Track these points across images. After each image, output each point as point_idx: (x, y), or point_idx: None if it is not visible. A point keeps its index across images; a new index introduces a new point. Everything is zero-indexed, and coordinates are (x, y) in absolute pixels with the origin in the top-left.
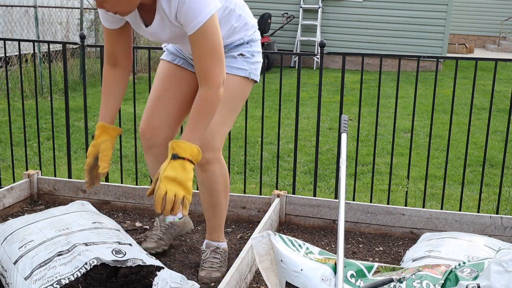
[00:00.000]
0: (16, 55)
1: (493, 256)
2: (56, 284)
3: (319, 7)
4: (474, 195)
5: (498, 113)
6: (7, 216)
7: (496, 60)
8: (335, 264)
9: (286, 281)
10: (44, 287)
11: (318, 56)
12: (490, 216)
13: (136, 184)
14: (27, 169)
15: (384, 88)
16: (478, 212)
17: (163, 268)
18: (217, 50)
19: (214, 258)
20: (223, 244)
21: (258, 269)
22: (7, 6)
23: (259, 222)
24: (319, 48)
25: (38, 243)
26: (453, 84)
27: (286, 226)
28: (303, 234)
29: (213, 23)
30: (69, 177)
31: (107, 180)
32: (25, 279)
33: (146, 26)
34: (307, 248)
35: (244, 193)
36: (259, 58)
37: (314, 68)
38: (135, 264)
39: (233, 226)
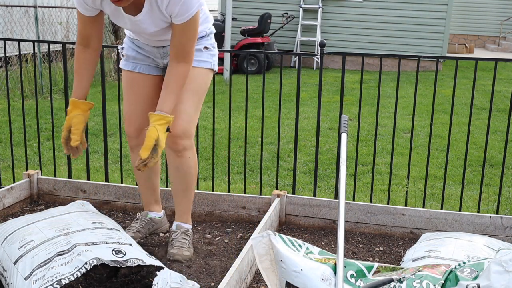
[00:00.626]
0: (16, 55)
1: (493, 256)
2: (56, 284)
3: (319, 7)
4: (474, 195)
5: (498, 113)
6: (7, 216)
7: (496, 60)
8: (335, 264)
9: (286, 281)
10: (44, 287)
11: (318, 56)
12: (490, 216)
13: (136, 184)
14: (27, 169)
15: (384, 88)
16: (478, 212)
17: (163, 268)
18: (197, 34)
19: (184, 239)
20: (191, 227)
21: (258, 269)
22: (7, 6)
23: (259, 222)
24: (319, 48)
25: (38, 243)
26: (453, 84)
27: (286, 226)
28: (303, 234)
29: (198, 14)
30: (69, 177)
31: (107, 180)
32: (25, 279)
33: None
34: (307, 248)
35: (244, 193)
36: (217, 50)
37: (314, 68)
38: (135, 264)
39: (233, 226)
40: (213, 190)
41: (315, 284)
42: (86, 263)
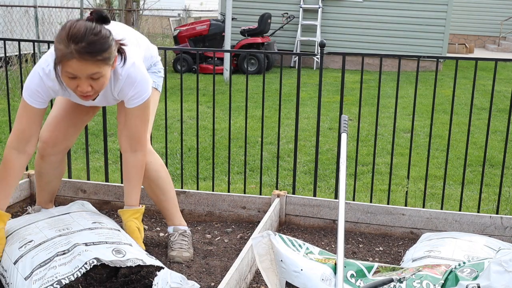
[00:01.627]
0: (16, 55)
1: (493, 256)
2: (56, 284)
3: (319, 7)
4: (474, 195)
5: (498, 113)
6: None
7: (496, 60)
8: (335, 264)
9: (286, 281)
10: (44, 287)
11: (318, 56)
12: (490, 216)
13: None
14: (27, 169)
15: (384, 88)
16: (478, 212)
17: (163, 268)
18: (148, 119)
19: (183, 241)
20: (187, 228)
21: (258, 269)
22: (7, 6)
23: (259, 222)
24: (319, 48)
25: (38, 243)
26: (453, 84)
27: (286, 226)
28: (303, 234)
29: (149, 98)
30: (69, 177)
31: (107, 180)
32: (25, 279)
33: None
34: (307, 248)
35: (244, 193)
36: (162, 73)
37: (314, 68)
38: (135, 264)
39: (233, 226)
40: (213, 190)
41: (315, 284)
42: (86, 263)
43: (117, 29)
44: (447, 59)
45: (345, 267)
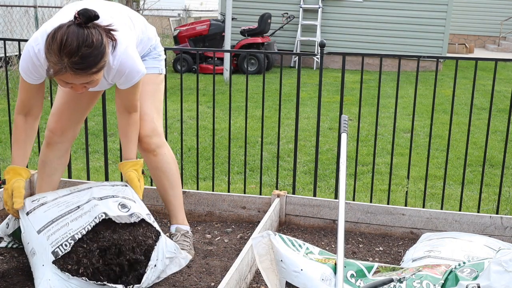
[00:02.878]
0: (16, 55)
1: (493, 256)
2: (71, 239)
3: (319, 7)
4: (474, 195)
5: (498, 113)
6: (7, 216)
7: (496, 60)
8: (335, 264)
9: (286, 281)
10: (59, 244)
11: (318, 56)
12: (490, 216)
13: None
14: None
15: (384, 88)
16: (478, 212)
17: (160, 234)
18: (139, 90)
19: (184, 241)
20: (189, 228)
21: (258, 269)
22: (7, 6)
23: (259, 222)
24: (319, 48)
25: (51, 199)
26: (453, 84)
27: (286, 226)
28: (303, 234)
29: (141, 80)
30: (69, 177)
31: (107, 180)
32: (38, 232)
33: None
34: (307, 248)
35: (244, 193)
36: (163, 56)
37: (314, 68)
38: (139, 219)
39: (233, 226)
40: (213, 190)
41: (315, 284)
42: (95, 217)
43: (109, 11)
44: (447, 59)
45: (345, 267)
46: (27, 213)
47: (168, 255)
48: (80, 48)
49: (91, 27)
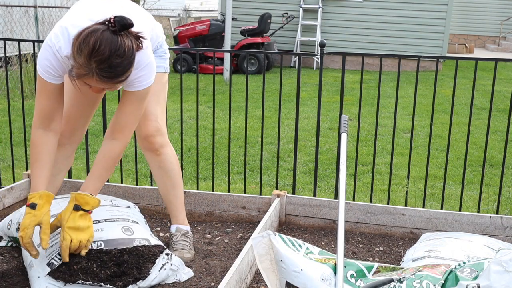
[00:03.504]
0: (16, 55)
1: (493, 256)
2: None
3: (319, 7)
4: (474, 195)
5: (498, 113)
6: (7, 216)
7: (496, 60)
8: (335, 264)
9: (286, 281)
10: (54, 254)
11: (318, 56)
12: (490, 216)
13: (136, 184)
14: (27, 169)
15: (384, 88)
16: (478, 212)
17: (165, 249)
18: (141, 112)
19: (184, 241)
20: (189, 228)
21: (258, 269)
22: (7, 6)
23: (259, 222)
24: (319, 48)
25: (53, 213)
26: (453, 84)
27: (286, 226)
28: (303, 234)
29: (148, 90)
30: (69, 177)
31: (107, 180)
32: (38, 246)
33: None
34: (307, 248)
35: (244, 193)
36: (168, 54)
37: (314, 68)
38: (141, 244)
39: (233, 226)
40: (213, 190)
41: (315, 284)
42: (94, 242)
43: (127, 10)
44: (447, 59)
45: (345, 267)
46: None
47: (173, 268)
48: (111, 56)
49: (124, 35)
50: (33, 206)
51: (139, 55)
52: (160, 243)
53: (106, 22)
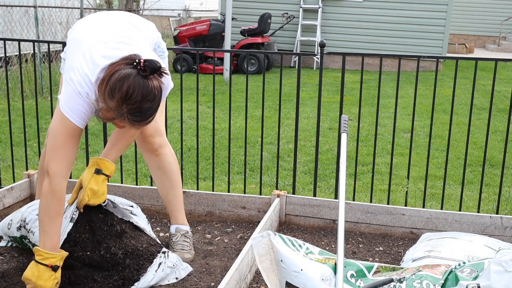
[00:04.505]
0: (16, 55)
1: (493, 256)
2: (70, 221)
3: (319, 7)
4: (474, 195)
5: (498, 113)
6: (7, 216)
7: (496, 60)
8: (335, 264)
9: (286, 281)
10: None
11: (318, 56)
12: (490, 216)
13: (136, 184)
14: (27, 169)
15: (384, 88)
16: (478, 212)
17: (162, 247)
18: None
19: (184, 241)
20: (189, 228)
21: (258, 269)
22: (7, 6)
23: (259, 222)
24: (319, 48)
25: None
26: (453, 84)
27: (286, 226)
28: (303, 234)
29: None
30: (69, 177)
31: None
32: (36, 219)
33: None
34: (307, 248)
35: (244, 193)
36: (167, 53)
37: (314, 68)
38: (136, 223)
39: (233, 226)
40: (213, 190)
41: (315, 284)
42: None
43: (129, 31)
44: (447, 59)
45: (345, 267)
46: (28, 207)
47: (170, 265)
48: (143, 102)
49: (153, 78)
50: (55, 269)
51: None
52: (157, 239)
53: (135, 64)
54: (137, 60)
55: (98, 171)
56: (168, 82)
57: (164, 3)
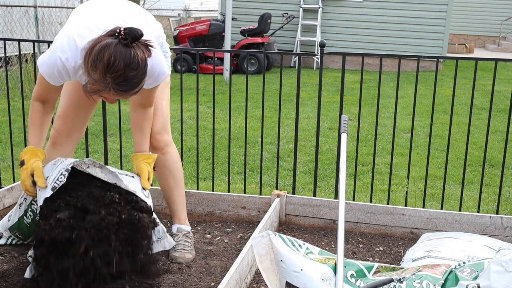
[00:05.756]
0: (16, 55)
1: (493, 256)
2: (65, 171)
3: (319, 7)
4: (474, 195)
5: (498, 113)
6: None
7: (496, 60)
8: (335, 264)
9: (286, 281)
10: (56, 178)
11: (318, 56)
12: (490, 216)
13: None
14: None
15: (384, 88)
16: (478, 212)
17: (152, 214)
18: (158, 88)
19: (186, 242)
20: (190, 228)
21: (258, 269)
22: (7, 6)
23: (259, 222)
24: (319, 48)
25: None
26: (453, 84)
27: (286, 226)
28: (303, 234)
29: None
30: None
31: None
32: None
33: None
34: (307, 248)
35: (244, 193)
36: (169, 53)
37: (314, 68)
38: (127, 189)
39: (233, 226)
40: (213, 190)
41: (315, 284)
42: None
43: (128, 12)
44: (447, 59)
45: (345, 267)
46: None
47: (158, 236)
48: (126, 70)
49: (135, 47)
50: (22, 163)
51: (150, 63)
52: (146, 200)
53: (116, 34)
54: (118, 30)
55: (154, 167)
56: (158, 57)
57: (164, 3)
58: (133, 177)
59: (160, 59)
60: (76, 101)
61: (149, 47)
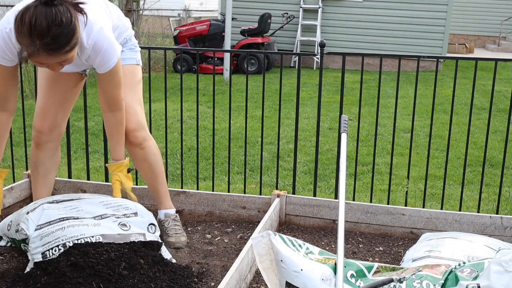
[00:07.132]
0: None
1: (493, 256)
2: (62, 246)
3: (319, 7)
4: (474, 195)
5: (498, 113)
6: (7, 216)
7: (496, 60)
8: (335, 264)
9: (286, 281)
10: (50, 247)
11: (318, 56)
12: (490, 216)
13: (136, 184)
14: (27, 169)
15: (384, 88)
16: (478, 212)
17: (161, 244)
18: (121, 81)
19: (176, 226)
20: (175, 210)
21: (258, 269)
22: (7, 6)
23: (259, 222)
24: (319, 48)
25: (48, 201)
26: (453, 84)
27: (286, 226)
28: (303, 234)
29: (119, 63)
30: (69, 177)
31: (107, 180)
32: (35, 229)
33: None
34: (307, 248)
35: (244, 193)
36: (138, 48)
37: (314, 68)
38: (137, 240)
39: (233, 226)
40: (213, 190)
41: (315, 284)
42: (93, 237)
43: (92, 2)
44: (447, 59)
45: (345, 267)
46: (27, 213)
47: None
48: (50, 28)
49: (57, 5)
50: None
51: (96, 37)
52: (156, 238)
53: None
54: None
55: (128, 170)
56: (104, 33)
57: (164, 3)
58: (136, 214)
59: (108, 36)
60: (52, 90)
61: (79, 6)
